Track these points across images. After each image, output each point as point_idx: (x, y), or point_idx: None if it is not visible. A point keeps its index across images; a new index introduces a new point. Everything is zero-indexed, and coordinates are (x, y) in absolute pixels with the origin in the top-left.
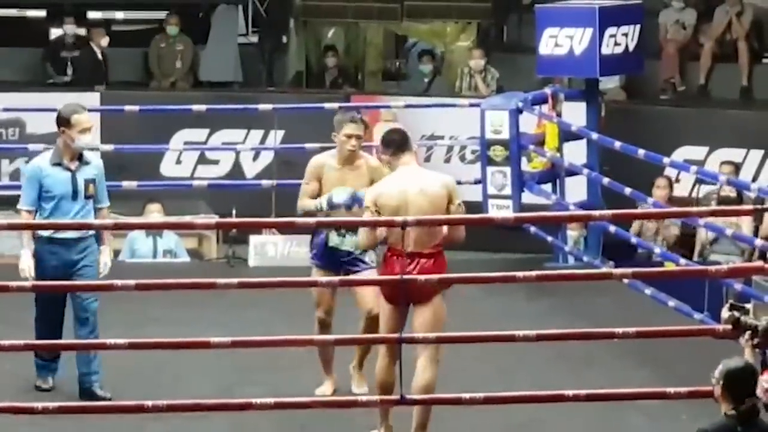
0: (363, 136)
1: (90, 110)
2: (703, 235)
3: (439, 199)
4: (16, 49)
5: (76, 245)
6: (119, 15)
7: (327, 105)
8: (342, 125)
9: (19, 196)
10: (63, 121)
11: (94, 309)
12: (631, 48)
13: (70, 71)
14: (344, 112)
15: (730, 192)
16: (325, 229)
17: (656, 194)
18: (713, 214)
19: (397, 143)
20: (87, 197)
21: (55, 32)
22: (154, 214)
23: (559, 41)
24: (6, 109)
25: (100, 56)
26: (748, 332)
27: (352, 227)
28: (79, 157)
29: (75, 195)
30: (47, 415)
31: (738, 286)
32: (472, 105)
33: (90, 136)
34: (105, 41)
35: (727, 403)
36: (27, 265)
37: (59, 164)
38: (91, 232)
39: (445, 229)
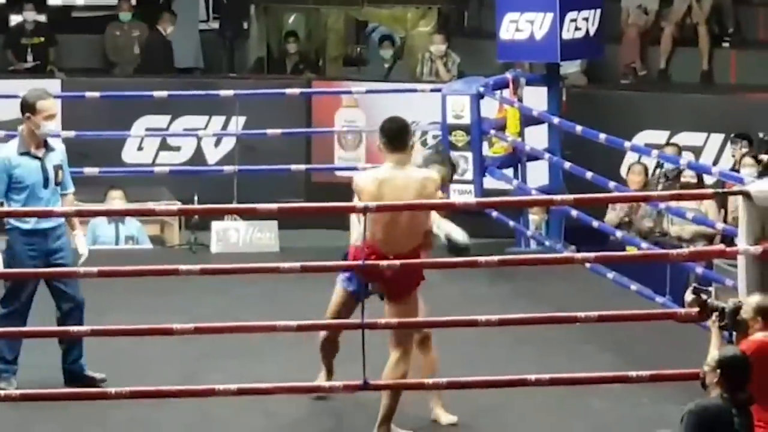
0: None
1: (53, 97)
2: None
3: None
4: None
5: (53, 233)
6: (79, 1)
7: (288, 91)
8: None
9: None
10: (28, 107)
11: (82, 300)
12: (591, 32)
13: (30, 58)
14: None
15: (690, 178)
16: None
17: (631, 179)
18: (674, 198)
19: (388, 135)
20: (56, 184)
21: (15, 19)
22: (116, 200)
23: (519, 26)
24: None
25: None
26: (715, 314)
27: None
28: (45, 144)
29: (46, 182)
30: (9, 403)
31: (699, 270)
32: (433, 90)
33: (54, 123)
34: (171, 28)
35: (722, 390)
36: None
37: (27, 153)
38: (62, 219)
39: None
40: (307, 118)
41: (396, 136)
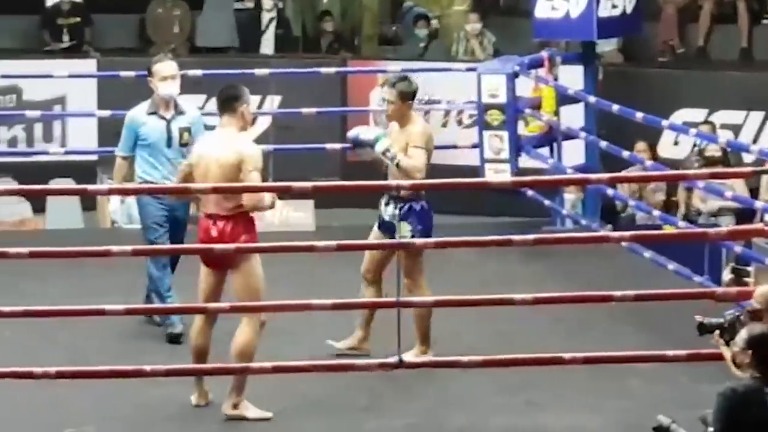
0: (394, 101)
1: (85, 76)
2: (696, 200)
3: (229, 167)
4: (12, 17)
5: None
6: None
7: (323, 70)
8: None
9: (16, 162)
10: (148, 71)
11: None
12: (629, 10)
13: (66, 38)
14: (389, 75)
15: (715, 152)
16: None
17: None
18: (712, 177)
19: (219, 101)
20: (182, 145)
21: None
22: None
23: (555, 4)
24: (3, 76)
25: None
26: (716, 333)
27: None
28: (175, 107)
29: (169, 142)
30: (48, 380)
31: (738, 248)
32: (468, 69)
33: (171, 84)
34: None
35: (752, 369)
36: (114, 207)
37: (155, 113)
38: None
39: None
40: (343, 97)
41: (225, 99)
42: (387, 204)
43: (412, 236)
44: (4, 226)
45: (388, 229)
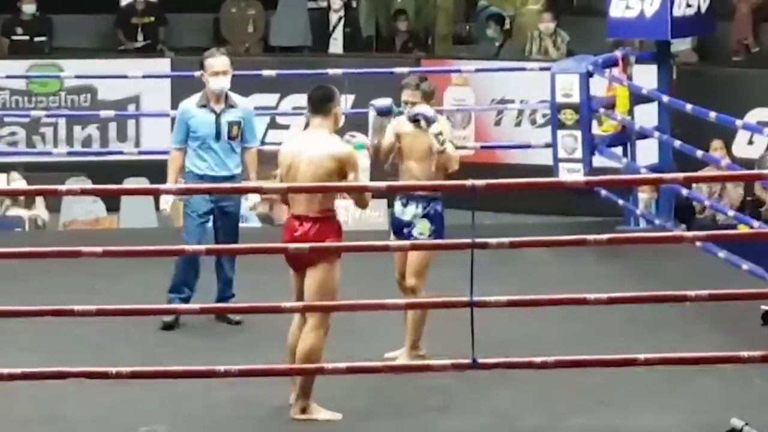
0: (418, 102)
1: (159, 76)
2: None
3: (324, 169)
4: (87, 16)
5: (224, 182)
6: None
7: (397, 69)
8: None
9: (90, 161)
10: (200, 65)
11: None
12: (703, 9)
13: (140, 38)
14: (408, 78)
15: None
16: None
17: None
18: None
19: (312, 102)
20: (230, 138)
21: None
22: None
23: (629, 3)
24: (78, 76)
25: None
26: None
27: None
28: (226, 100)
29: (218, 136)
30: (121, 380)
31: None
32: (542, 69)
33: (222, 79)
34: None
35: None
36: (166, 200)
37: (205, 106)
38: (239, 169)
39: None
40: None
41: (319, 101)
42: (406, 205)
43: (429, 236)
44: (78, 225)
45: (405, 230)
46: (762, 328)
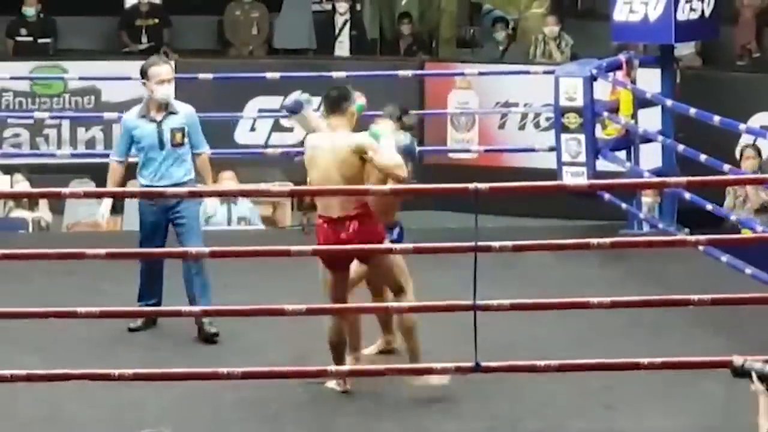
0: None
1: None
2: None
3: (349, 165)
4: (91, 18)
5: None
6: None
7: (401, 72)
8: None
9: (94, 163)
10: (143, 74)
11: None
12: (707, 13)
13: (144, 39)
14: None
15: None
16: None
17: (745, 165)
18: None
19: (329, 102)
20: (174, 145)
21: (129, 1)
22: (227, 181)
23: (633, 7)
24: (81, 78)
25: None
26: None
27: None
28: (166, 108)
29: (161, 144)
30: (123, 382)
31: None
32: (546, 72)
33: (167, 87)
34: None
35: None
36: (102, 213)
37: (145, 116)
38: (190, 176)
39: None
40: (420, 99)
41: (335, 101)
42: None
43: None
44: (81, 227)
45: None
46: (763, 331)
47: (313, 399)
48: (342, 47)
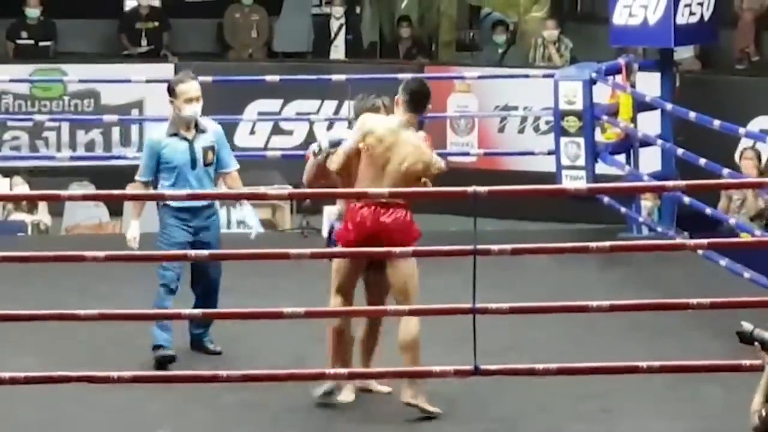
0: None
1: (163, 81)
2: None
3: (413, 172)
4: (90, 21)
5: (202, 213)
6: None
7: (400, 75)
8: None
9: (93, 166)
10: (170, 91)
11: (216, 279)
12: (706, 17)
13: (144, 42)
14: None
15: None
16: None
17: (745, 165)
18: None
19: (421, 97)
20: (206, 165)
21: (129, 4)
22: (223, 186)
23: (633, 11)
24: (81, 81)
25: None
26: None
27: None
28: (195, 126)
29: (194, 164)
30: (122, 384)
31: None
32: (545, 76)
33: (196, 106)
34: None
35: None
36: (133, 236)
37: (176, 134)
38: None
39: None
40: None
41: (421, 100)
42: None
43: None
44: (81, 230)
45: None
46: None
47: (312, 402)
48: (337, 51)
